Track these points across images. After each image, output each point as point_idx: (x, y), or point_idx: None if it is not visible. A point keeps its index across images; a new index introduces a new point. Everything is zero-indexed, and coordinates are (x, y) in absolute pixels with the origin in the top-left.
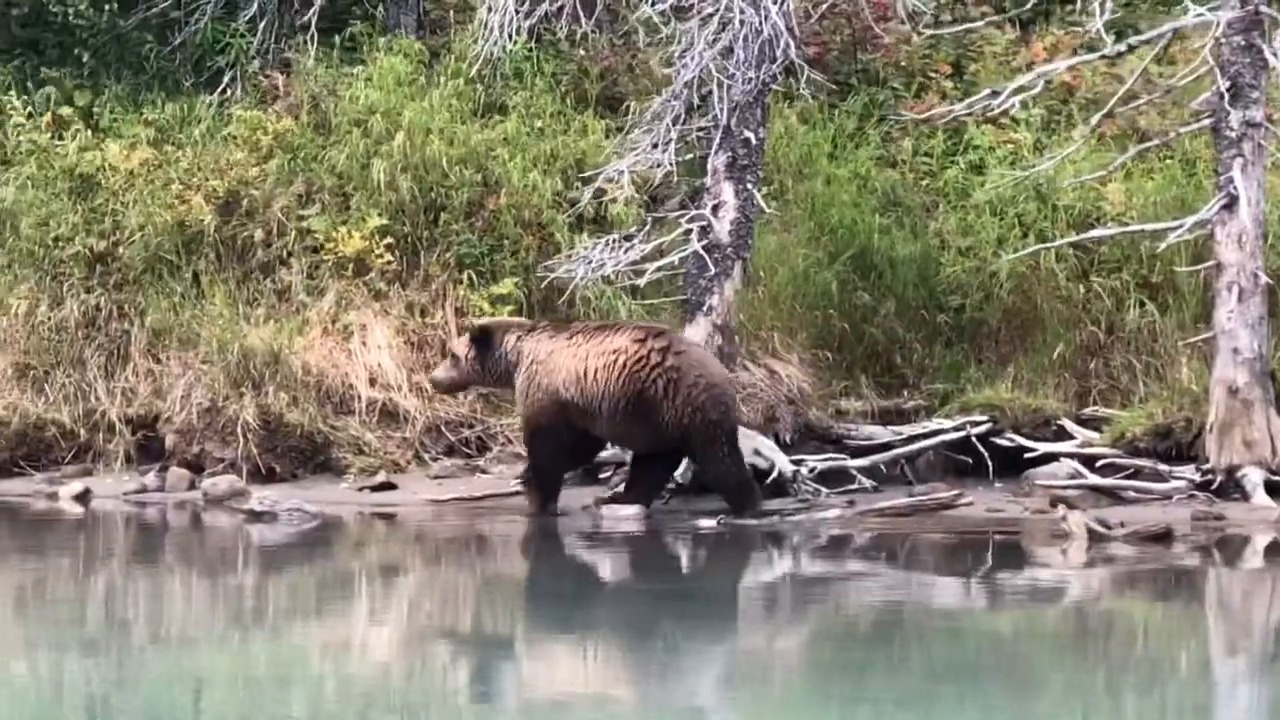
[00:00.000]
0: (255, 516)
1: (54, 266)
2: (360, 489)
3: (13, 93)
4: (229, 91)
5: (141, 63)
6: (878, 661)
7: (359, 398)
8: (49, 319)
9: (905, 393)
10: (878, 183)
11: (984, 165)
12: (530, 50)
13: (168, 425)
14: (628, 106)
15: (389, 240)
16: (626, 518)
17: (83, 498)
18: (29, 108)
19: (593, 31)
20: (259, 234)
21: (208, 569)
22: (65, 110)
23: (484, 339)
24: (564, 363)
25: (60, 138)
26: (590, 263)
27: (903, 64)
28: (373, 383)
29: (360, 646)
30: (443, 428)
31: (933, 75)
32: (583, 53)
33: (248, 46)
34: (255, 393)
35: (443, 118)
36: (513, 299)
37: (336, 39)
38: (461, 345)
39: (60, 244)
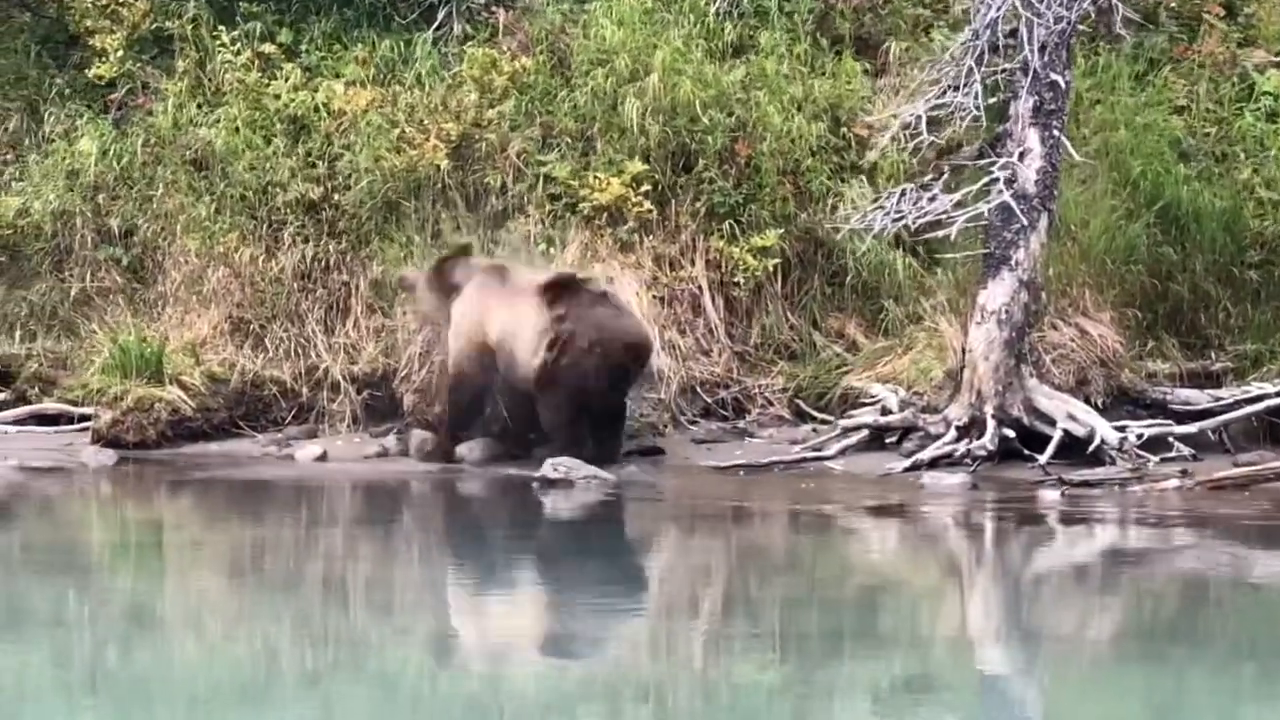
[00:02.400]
0: (549, 484)
1: (268, 214)
2: (626, 453)
3: (221, 29)
4: (446, 28)
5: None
6: None
7: None
8: (264, 270)
9: (1211, 354)
10: (1165, 132)
11: (1276, 114)
12: None
13: (405, 384)
14: (886, 48)
15: (646, 187)
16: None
17: (321, 459)
18: (238, 45)
19: None
20: (495, 180)
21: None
22: (268, 48)
23: (442, 271)
24: (496, 311)
25: (271, 77)
26: (888, 213)
27: (1173, 4)
28: None
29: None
30: (698, 388)
31: (1206, 16)
32: None
33: None
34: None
35: (693, 58)
36: (774, 252)
37: None
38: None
39: (274, 190)
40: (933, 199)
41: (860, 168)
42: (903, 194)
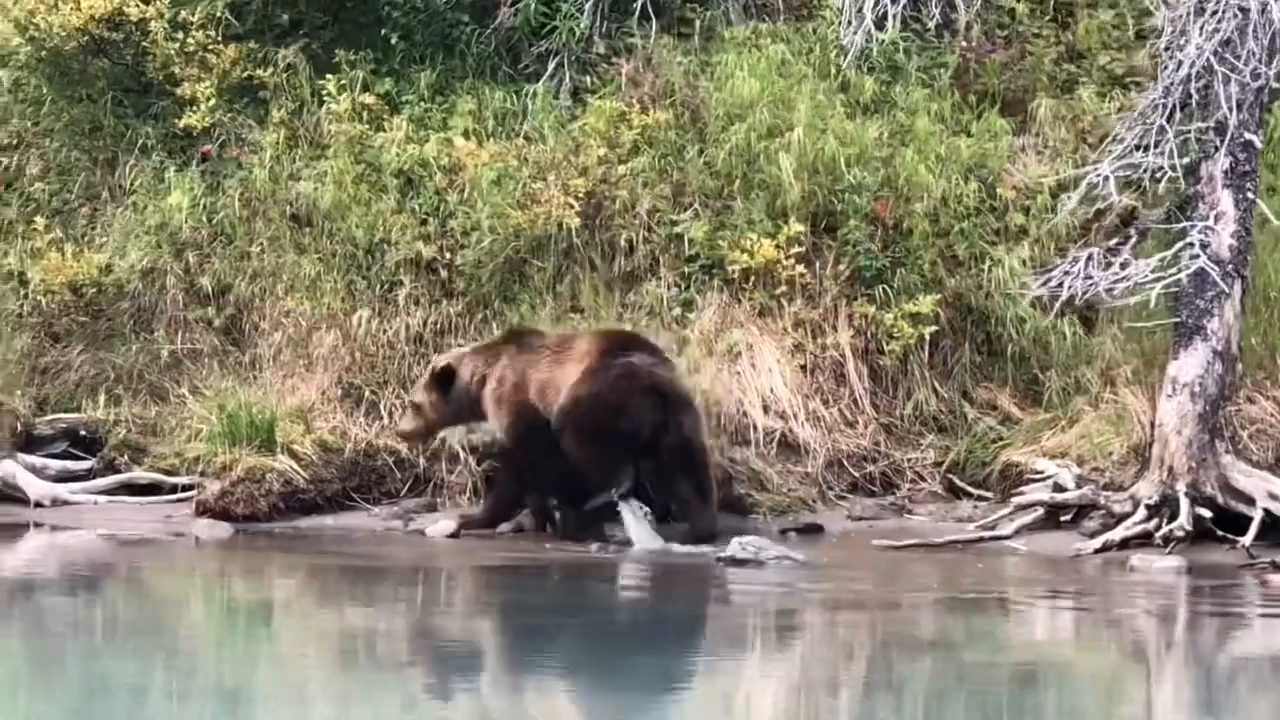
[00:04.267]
0: (736, 563)
1: (378, 274)
2: (783, 531)
3: (328, 79)
4: (557, 80)
5: (452, 47)
6: None
7: (754, 427)
8: (376, 333)
9: None
10: None
11: None
12: (899, 41)
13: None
14: (1036, 105)
15: (797, 250)
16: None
17: (454, 536)
18: (344, 94)
19: (975, 21)
20: (624, 239)
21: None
22: (368, 98)
23: (445, 378)
24: (535, 377)
25: (378, 129)
26: (1075, 277)
27: None
28: (765, 410)
29: None
30: (845, 461)
31: None
32: (964, 44)
33: (575, 30)
34: None
35: (835, 113)
36: (929, 318)
37: (696, 24)
38: (420, 392)
39: (382, 248)
40: (1124, 264)
41: (1011, 230)
42: (1089, 259)
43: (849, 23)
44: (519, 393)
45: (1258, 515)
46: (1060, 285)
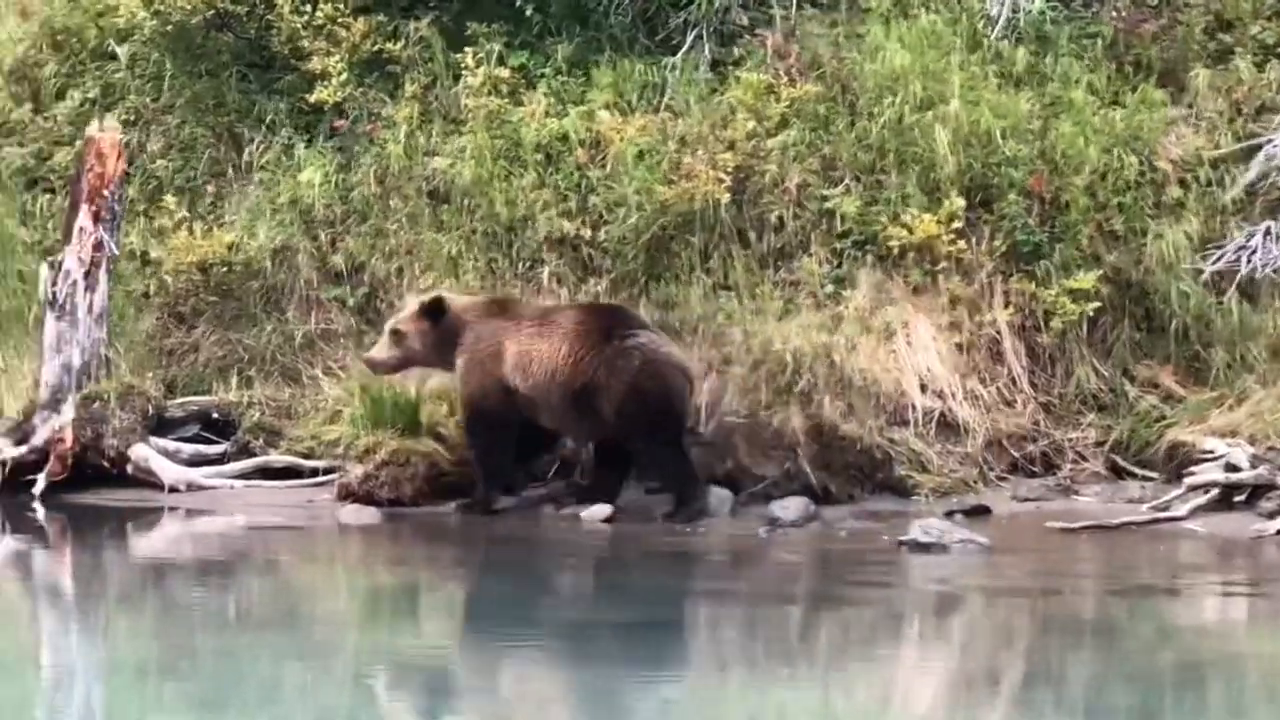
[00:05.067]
0: (920, 548)
1: (519, 252)
2: (949, 514)
3: (465, 52)
4: (695, 52)
5: (587, 18)
6: None
7: (913, 407)
8: None
9: None
10: None
11: None
12: (1046, 11)
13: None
14: (1194, 76)
15: (957, 225)
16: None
17: (610, 520)
18: (482, 68)
19: None
20: (774, 215)
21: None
22: (502, 72)
23: (436, 313)
24: (510, 348)
25: (517, 103)
26: (1255, 252)
27: None
28: (923, 389)
29: None
30: (1004, 441)
31: None
32: (1113, 14)
33: (714, 1)
34: (802, 400)
35: (988, 85)
36: (1091, 294)
37: None
38: (409, 320)
39: (522, 225)
40: None
41: (1168, 204)
42: (1266, 234)
43: None
44: (494, 363)
45: None
46: (1236, 261)
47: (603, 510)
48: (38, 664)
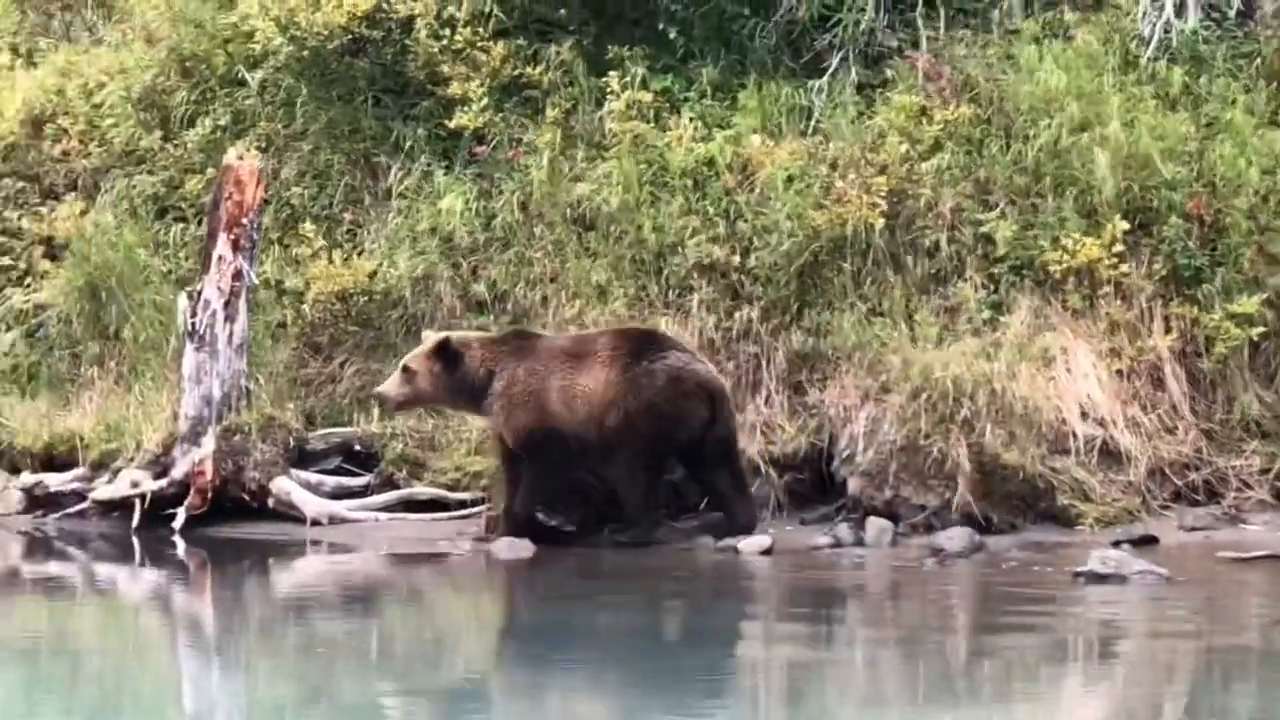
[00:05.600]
0: (1098, 579)
1: (667, 279)
2: (1115, 544)
3: (610, 76)
4: (840, 75)
5: (729, 40)
6: None
7: (1073, 435)
8: None
9: None
10: None
11: None
12: (1199, 30)
13: (849, 466)
14: None
15: (1119, 249)
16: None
17: (768, 553)
18: (626, 91)
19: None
20: (929, 240)
21: None
22: (644, 95)
23: (451, 354)
24: (554, 384)
25: (664, 128)
26: None
27: None
28: (1083, 416)
29: None
30: (1166, 469)
31: None
32: (1268, 31)
33: (860, 21)
34: (963, 429)
35: (1144, 105)
36: (1256, 319)
37: (989, 17)
38: (420, 359)
39: (670, 251)
40: None
41: None
42: None
43: (1144, 13)
44: (540, 400)
45: None
46: None
47: (762, 542)
48: (179, 703)
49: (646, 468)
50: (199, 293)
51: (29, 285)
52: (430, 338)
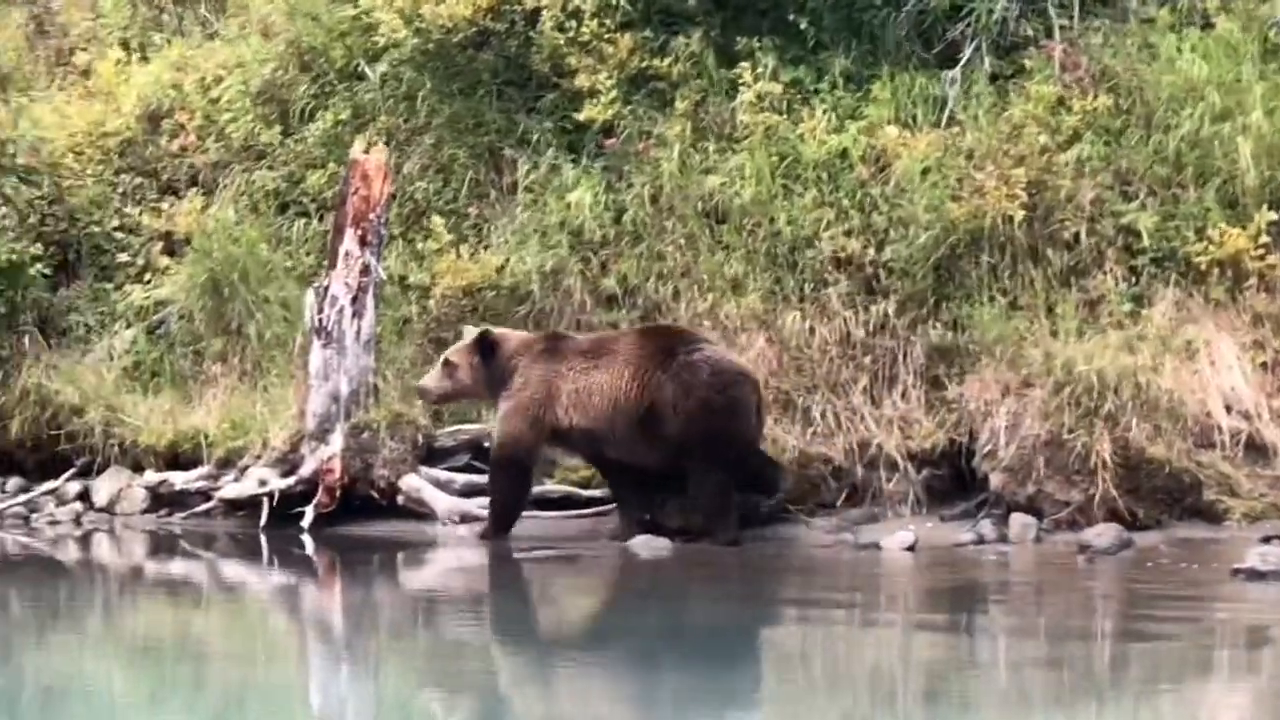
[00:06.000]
0: (1256, 576)
1: (800, 273)
2: (1266, 539)
3: (742, 68)
4: (973, 65)
5: (859, 30)
6: None
7: (1219, 429)
8: (802, 334)
9: None
10: None
11: None
12: None
13: (990, 461)
14: None
15: (1266, 239)
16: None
17: (910, 549)
18: (758, 83)
19: None
20: (1068, 232)
21: None
22: (773, 86)
23: (489, 347)
24: (563, 389)
25: (797, 120)
26: None
27: None
28: (1227, 410)
29: None
30: None
31: None
32: None
33: (993, 10)
34: (1107, 423)
35: None
36: None
37: (1130, 5)
38: (462, 353)
39: (804, 244)
40: None
41: None
42: None
43: None
44: (539, 409)
45: None
46: None
47: (905, 539)
48: (306, 703)
49: (724, 468)
50: (326, 288)
51: (148, 281)
52: (470, 332)
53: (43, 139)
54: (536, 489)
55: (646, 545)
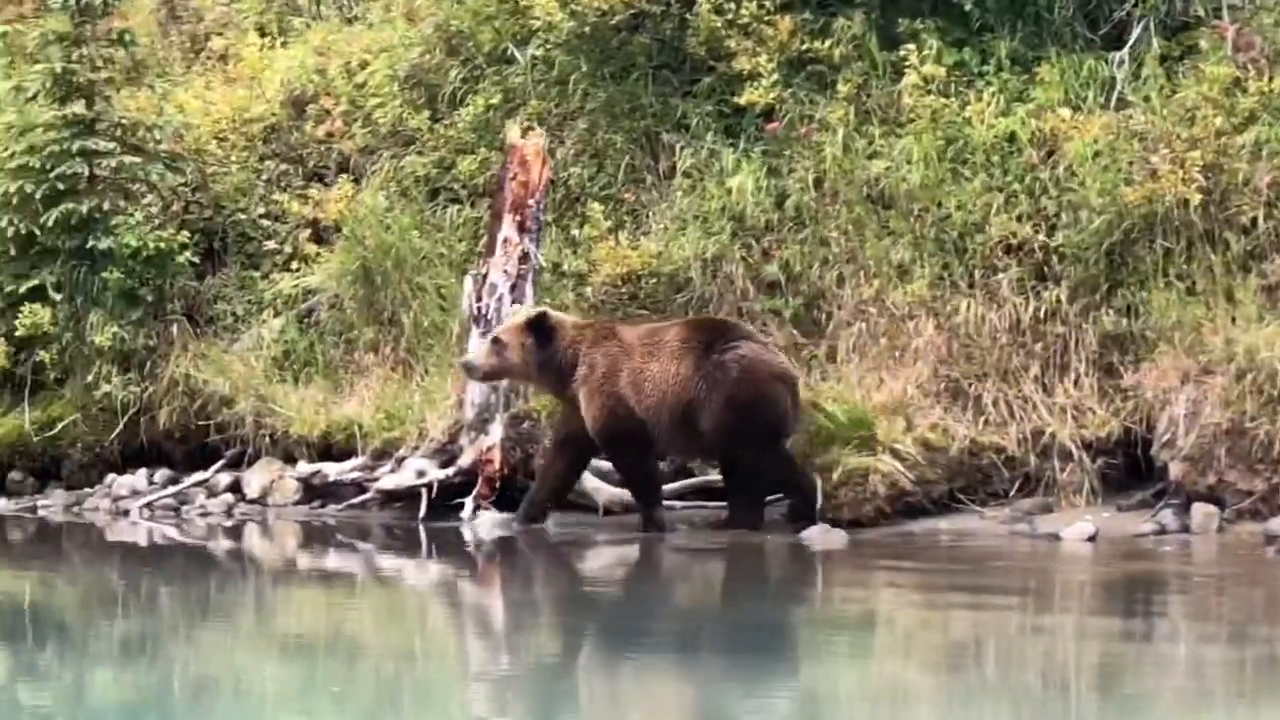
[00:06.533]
0: None
1: (969, 259)
2: None
3: (909, 49)
4: (1141, 45)
5: (1021, 10)
6: None
7: None
8: (973, 321)
9: None
10: None
11: None
12: None
13: (1169, 450)
14: None
15: None
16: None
17: (1091, 540)
18: (926, 65)
19: None
20: (1246, 216)
21: None
22: (935, 69)
23: (545, 331)
24: (625, 369)
25: (964, 102)
26: None
27: None
28: None
29: None
30: None
31: None
32: None
33: None
34: None
35: None
36: None
37: None
38: (513, 332)
39: (973, 230)
40: None
41: None
42: None
43: None
44: (610, 383)
45: None
46: None
47: (1086, 529)
48: (463, 700)
49: (768, 454)
50: (484, 276)
51: (296, 269)
52: (523, 311)
53: (188, 125)
54: (699, 479)
55: (822, 537)
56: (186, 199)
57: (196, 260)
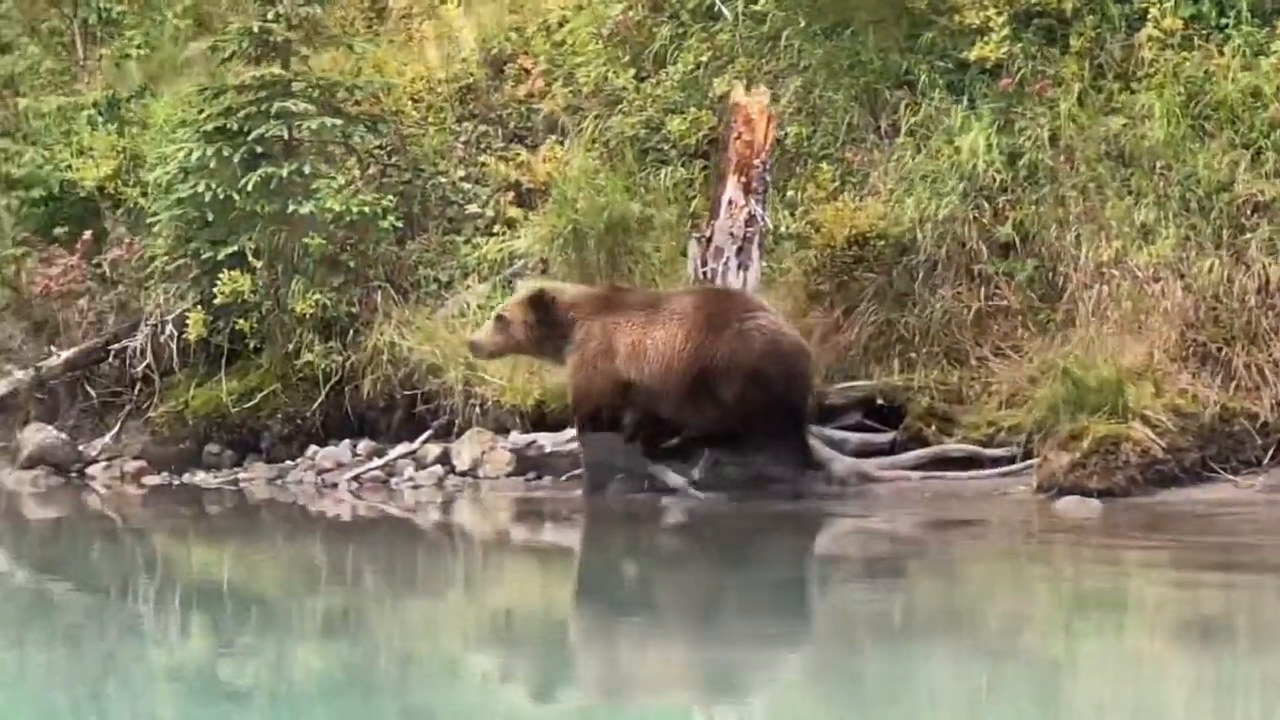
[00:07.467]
0: None
1: (1216, 218)
2: None
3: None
4: None
5: None
6: None
7: None
8: (1222, 283)
9: None
10: None
11: None
12: None
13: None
14: None
15: None
16: None
17: None
18: (1166, 19)
19: None
20: None
21: None
22: (1174, 23)
23: (544, 304)
24: (622, 341)
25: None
26: None
27: None
28: None
29: None
30: None
31: None
32: None
33: None
34: None
35: None
36: None
37: None
38: (514, 308)
39: (1222, 189)
40: None
41: None
42: None
43: None
44: (604, 358)
45: None
46: None
47: None
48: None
49: (787, 428)
50: (709, 239)
51: (499, 233)
52: (525, 286)
53: (389, 86)
54: (937, 448)
55: (1074, 507)
56: (384, 162)
57: (400, 224)
